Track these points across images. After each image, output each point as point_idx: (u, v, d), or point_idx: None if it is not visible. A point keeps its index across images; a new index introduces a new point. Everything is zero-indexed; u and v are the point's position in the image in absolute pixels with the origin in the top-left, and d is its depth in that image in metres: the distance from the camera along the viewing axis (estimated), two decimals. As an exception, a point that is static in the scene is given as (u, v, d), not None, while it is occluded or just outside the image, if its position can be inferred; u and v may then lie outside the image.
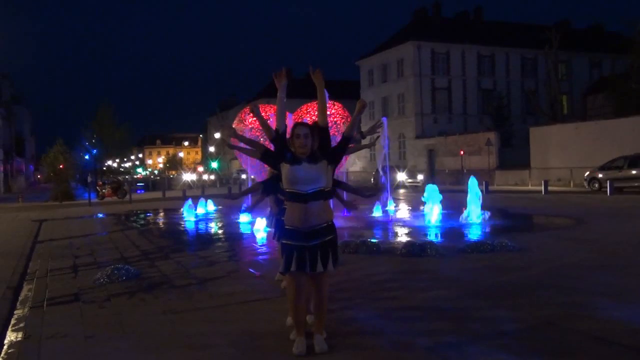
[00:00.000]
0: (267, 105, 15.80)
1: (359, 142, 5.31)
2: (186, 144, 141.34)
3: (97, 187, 33.85)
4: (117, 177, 52.04)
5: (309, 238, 4.06)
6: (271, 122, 4.41)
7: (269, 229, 9.91)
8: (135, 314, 5.50)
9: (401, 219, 14.76)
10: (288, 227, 4.16)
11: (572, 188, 27.05)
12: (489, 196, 21.26)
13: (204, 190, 32.26)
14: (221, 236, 12.38)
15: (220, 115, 78.20)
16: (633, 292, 5.69)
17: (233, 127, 5.34)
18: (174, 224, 15.25)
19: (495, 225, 12.15)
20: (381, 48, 51.18)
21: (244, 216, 14.45)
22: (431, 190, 12.79)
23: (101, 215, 19.46)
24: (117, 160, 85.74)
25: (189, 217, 16.38)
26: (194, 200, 18.32)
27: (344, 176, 32.30)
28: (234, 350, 4.27)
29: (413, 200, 20.96)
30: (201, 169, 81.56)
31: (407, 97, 47.35)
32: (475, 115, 48.27)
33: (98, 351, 4.41)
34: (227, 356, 4.18)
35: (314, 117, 15.37)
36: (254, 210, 6.22)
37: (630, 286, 5.97)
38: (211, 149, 77.54)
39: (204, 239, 12.02)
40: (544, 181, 24.50)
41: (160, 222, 16.34)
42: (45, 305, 6.08)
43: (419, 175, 36.42)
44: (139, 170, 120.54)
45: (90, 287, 6.87)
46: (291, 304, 4.24)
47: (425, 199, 12.79)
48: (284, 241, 4.25)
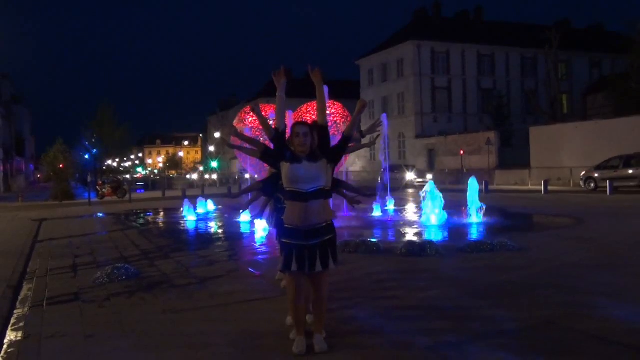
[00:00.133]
0: (267, 104, 15.79)
1: (359, 141, 5.31)
2: (186, 143, 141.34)
3: (97, 187, 33.85)
4: (116, 176, 52.01)
5: (308, 237, 4.06)
6: (271, 122, 4.41)
7: (269, 228, 9.93)
8: (135, 313, 5.50)
9: (401, 218, 14.76)
10: (288, 226, 4.16)
11: (572, 188, 27.05)
12: (488, 196, 21.29)
13: (203, 190, 32.27)
14: (221, 236, 12.38)
15: (220, 115, 78.26)
16: (632, 292, 5.69)
17: (233, 125, 5.34)
18: (173, 224, 15.25)
19: (495, 225, 12.15)
20: (381, 47, 51.22)
21: (244, 215, 14.45)
22: (431, 189, 12.79)
23: (101, 215, 19.47)
24: (117, 159, 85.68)
25: (189, 216, 16.38)
26: (193, 199, 18.32)
27: (344, 176, 32.25)
28: (233, 350, 4.27)
29: (419, 200, 20.87)
30: (201, 168, 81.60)
31: (407, 96, 47.38)
32: (475, 115, 48.30)
33: (98, 350, 4.41)
34: (227, 356, 4.18)
35: (314, 116, 15.37)
36: (249, 207, 6.21)
37: (630, 285, 5.97)
38: (211, 148, 77.57)
39: (203, 238, 12.02)
40: (543, 181, 24.52)
41: (160, 222, 16.35)
42: (45, 305, 6.08)
43: (428, 174, 35.70)
44: (139, 169, 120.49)
45: (90, 286, 6.88)
46: (291, 304, 4.24)
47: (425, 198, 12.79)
48: (284, 240, 4.25)
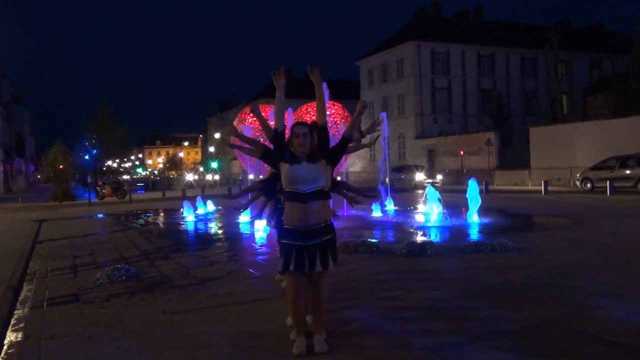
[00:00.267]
0: (267, 105, 15.80)
1: (359, 141, 5.31)
2: (186, 144, 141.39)
3: (97, 187, 33.84)
4: (116, 177, 52.02)
5: (307, 237, 4.06)
6: (271, 122, 4.41)
7: (269, 229, 9.93)
8: (135, 314, 5.50)
9: (401, 218, 14.75)
10: (287, 226, 4.16)
11: (572, 188, 27.04)
12: (488, 196, 21.28)
13: (203, 190, 32.27)
14: (221, 236, 12.38)
15: (220, 116, 78.26)
16: (632, 292, 5.69)
17: (234, 126, 5.34)
18: (173, 224, 15.25)
19: (495, 225, 12.14)
20: (381, 48, 51.22)
21: (244, 216, 14.45)
22: (430, 190, 12.81)
23: (101, 216, 19.47)
24: (117, 160, 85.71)
25: (189, 217, 16.38)
26: (193, 200, 18.31)
27: (343, 176, 32.24)
28: (233, 351, 4.27)
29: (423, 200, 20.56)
30: (201, 169, 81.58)
31: (407, 97, 47.37)
32: (475, 115, 48.29)
33: (98, 351, 4.41)
34: (227, 356, 4.18)
35: (314, 117, 15.37)
36: (248, 207, 6.22)
37: (630, 286, 5.97)
38: (211, 149, 77.57)
39: (203, 239, 12.02)
40: (543, 181, 24.52)
41: (160, 222, 16.35)
42: (45, 306, 6.08)
43: (438, 175, 35.00)
44: (139, 170, 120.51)
45: (90, 287, 6.88)
46: (291, 304, 4.24)
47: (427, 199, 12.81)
48: (283, 241, 4.24)
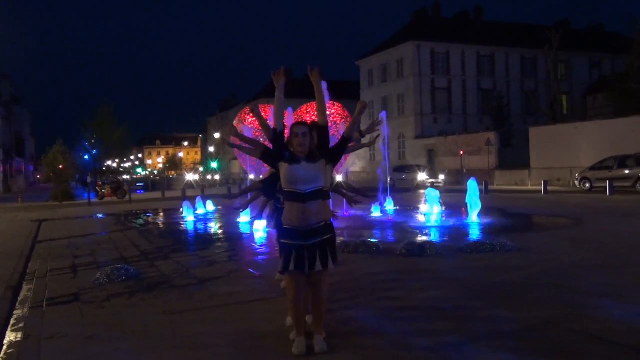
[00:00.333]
0: (267, 105, 15.79)
1: (358, 141, 5.31)
2: (186, 144, 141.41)
3: (97, 187, 33.83)
4: (116, 177, 52.02)
5: (307, 237, 4.05)
6: (270, 122, 4.41)
7: (269, 229, 9.93)
8: (135, 314, 5.50)
9: (401, 218, 14.74)
10: (286, 226, 4.15)
11: (571, 188, 27.05)
12: (488, 196, 21.28)
13: (203, 191, 32.26)
14: (221, 236, 12.38)
15: (220, 116, 78.28)
16: (632, 292, 5.69)
17: (233, 125, 5.34)
18: (173, 224, 15.24)
19: (495, 225, 12.14)
20: (381, 48, 51.24)
21: (244, 216, 14.44)
22: (430, 190, 12.82)
23: (101, 216, 19.46)
24: (117, 160, 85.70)
25: (189, 217, 16.38)
26: (193, 200, 18.31)
27: (344, 175, 32.16)
28: (233, 351, 4.27)
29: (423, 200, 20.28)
30: (201, 169, 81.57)
31: (407, 97, 47.38)
32: (475, 115, 48.30)
33: (98, 351, 4.41)
34: (227, 356, 4.18)
35: (313, 117, 15.37)
36: (248, 207, 6.22)
37: (630, 286, 5.97)
38: (211, 149, 77.59)
39: (203, 239, 12.02)
40: (543, 181, 24.52)
41: (160, 222, 16.34)
42: (44, 306, 6.08)
43: (440, 175, 34.39)
44: (139, 170, 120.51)
45: (89, 287, 6.88)
46: (291, 304, 4.23)
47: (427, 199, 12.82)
48: (283, 240, 4.24)
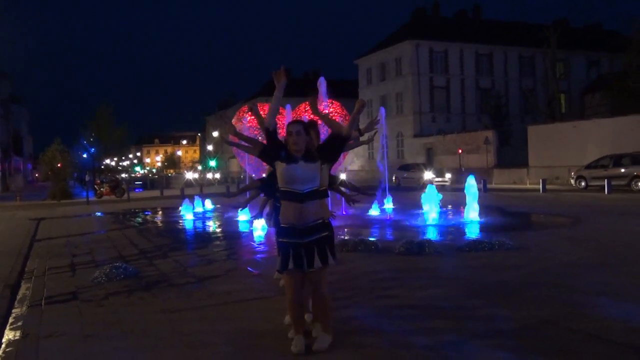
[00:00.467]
0: (266, 104, 15.76)
1: (357, 139, 5.32)
2: (184, 142, 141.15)
3: (95, 186, 33.78)
4: (115, 175, 51.96)
5: (305, 235, 4.04)
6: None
7: (267, 227, 9.91)
8: (133, 312, 5.50)
9: (400, 217, 14.74)
10: (284, 225, 4.13)
11: (570, 187, 27.06)
12: (487, 195, 21.29)
13: (202, 189, 32.25)
14: (219, 235, 12.37)
15: (219, 115, 78.19)
16: (630, 291, 5.70)
17: (232, 124, 5.34)
18: (172, 223, 15.24)
19: (494, 224, 12.14)
20: (379, 47, 51.20)
21: (242, 214, 14.43)
22: (429, 189, 12.83)
23: (99, 214, 19.45)
24: (115, 159, 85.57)
25: (187, 215, 16.37)
26: (192, 198, 18.30)
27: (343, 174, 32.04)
28: (232, 349, 4.27)
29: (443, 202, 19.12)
30: (199, 167, 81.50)
31: (406, 95, 47.37)
32: (473, 114, 48.31)
33: (96, 350, 4.40)
34: (226, 354, 4.18)
35: (312, 115, 15.36)
36: (247, 206, 6.21)
37: (628, 284, 5.98)
38: (209, 147, 77.52)
39: (202, 237, 12.01)
40: (541, 180, 24.55)
41: (159, 221, 16.33)
42: (43, 304, 6.08)
43: (447, 173, 33.83)
44: (137, 168, 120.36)
45: (88, 285, 6.87)
46: (289, 303, 4.22)
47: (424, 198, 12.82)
48: (280, 239, 4.21)
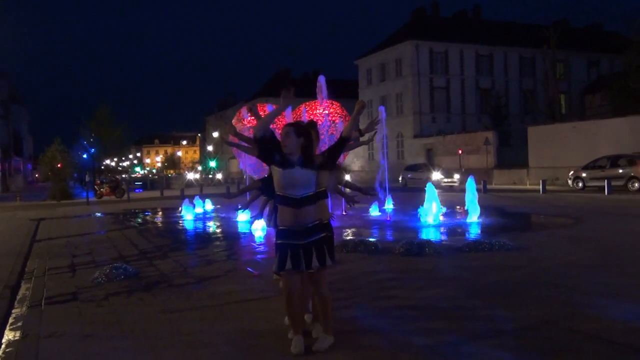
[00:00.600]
0: (265, 104, 15.82)
1: (357, 139, 5.32)
2: (184, 143, 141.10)
3: (95, 186, 33.76)
4: (114, 176, 51.95)
5: (303, 236, 4.03)
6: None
7: (267, 228, 9.91)
8: (133, 313, 5.50)
9: (400, 218, 14.74)
10: (281, 227, 4.13)
11: (570, 187, 27.07)
12: (487, 195, 21.30)
13: (202, 189, 32.25)
14: (219, 235, 12.38)
15: (219, 115, 78.25)
16: (630, 291, 5.70)
17: (232, 125, 5.35)
18: (172, 223, 15.24)
19: (493, 224, 12.14)
20: (380, 47, 51.21)
21: (242, 215, 14.43)
22: (429, 189, 12.82)
23: (99, 214, 19.44)
24: (115, 159, 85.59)
25: (188, 216, 16.37)
26: (192, 199, 18.30)
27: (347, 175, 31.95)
28: (232, 349, 4.27)
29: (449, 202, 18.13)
30: (199, 167, 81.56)
31: (406, 96, 47.38)
32: (473, 115, 48.33)
33: (96, 350, 4.40)
34: (226, 355, 4.18)
35: (311, 116, 15.36)
36: (249, 207, 6.21)
37: (628, 285, 5.98)
38: (209, 148, 77.54)
39: (202, 238, 12.01)
40: (541, 180, 24.56)
41: (159, 221, 16.33)
42: (43, 304, 6.07)
43: (455, 174, 32.85)
44: (137, 169, 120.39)
45: (88, 286, 6.87)
46: (286, 304, 4.21)
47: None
48: (279, 241, 4.18)
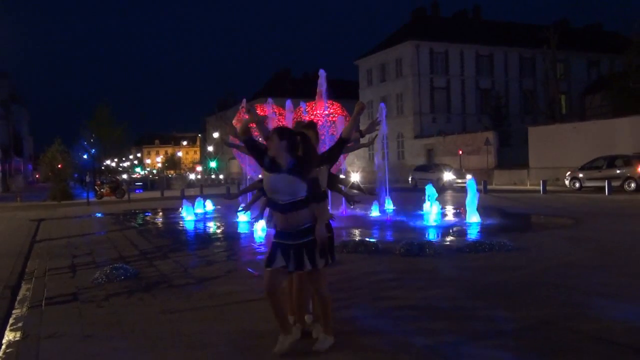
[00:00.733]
0: (265, 105, 15.83)
1: (357, 140, 5.31)
2: (185, 143, 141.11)
3: (96, 187, 33.75)
4: (115, 176, 51.96)
5: (295, 237, 4.01)
6: (268, 121, 4.43)
7: (267, 228, 9.91)
8: (133, 313, 5.50)
9: (399, 218, 14.74)
10: (277, 228, 4.16)
11: (570, 187, 27.06)
12: (487, 196, 21.30)
13: (202, 190, 32.25)
14: (219, 236, 12.38)
15: (219, 115, 78.25)
16: (630, 291, 5.70)
17: (232, 125, 5.35)
18: (172, 224, 15.23)
19: (494, 225, 12.15)
20: (380, 47, 51.23)
21: (242, 216, 14.44)
22: (429, 189, 12.83)
23: (99, 215, 19.43)
24: (116, 159, 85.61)
25: (188, 216, 16.36)
26: (192, 200, 18.29)
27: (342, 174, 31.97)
28: (232, 350, 4.27)
29: (456, 203, 18.38)
30: (199, 168, 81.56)
31: (406, 96, 47.39)
32: (473, 115, 48.33)
33: (96, 351, 4.41)
34: (226, 355, 4.18)
35: (312, 116, 15.38)
36: (250, 208, 6.21)
37: (627, 285, 5.98)
38: (209, 148, 77.55)
39: (202, 238, 12.01)
40: (542, 181, 24.55)
41: (159, 222, 16.33)
42: (43, 305, 6.08)
43: (467, 175, 31.62)
44: (138, 169, 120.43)
45: (88, 286, 6.87)
46: (267, 300, 4.16)
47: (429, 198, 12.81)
48: (273, 239, 4.19)
